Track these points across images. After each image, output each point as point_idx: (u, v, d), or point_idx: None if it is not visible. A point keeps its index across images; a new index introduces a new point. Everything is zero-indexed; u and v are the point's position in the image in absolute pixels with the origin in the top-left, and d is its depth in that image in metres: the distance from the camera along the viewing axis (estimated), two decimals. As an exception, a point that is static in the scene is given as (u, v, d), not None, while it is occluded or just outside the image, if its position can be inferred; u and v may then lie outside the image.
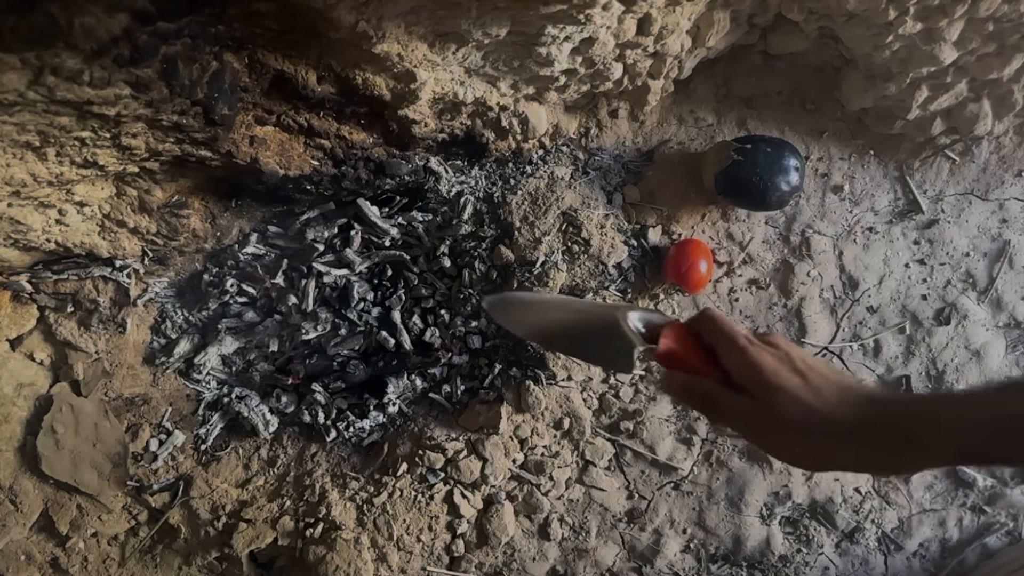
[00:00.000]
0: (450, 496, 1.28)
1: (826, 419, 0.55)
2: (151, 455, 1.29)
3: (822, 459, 0.57)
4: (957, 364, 1.39)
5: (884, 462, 0.55)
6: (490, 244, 1.34)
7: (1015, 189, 1.42)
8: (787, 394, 0.57)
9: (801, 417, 0.56)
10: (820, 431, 0.55)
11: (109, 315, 1.25)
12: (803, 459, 0.58)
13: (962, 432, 0.52)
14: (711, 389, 0.62)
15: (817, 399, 0.56)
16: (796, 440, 0.57)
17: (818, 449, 0.56)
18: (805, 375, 0.58)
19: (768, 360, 0.59)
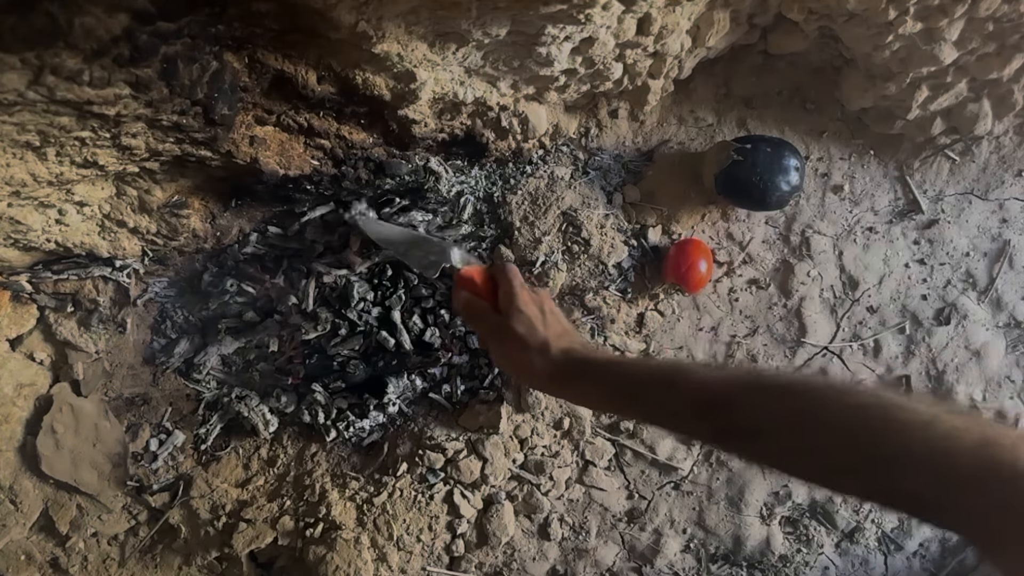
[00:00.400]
0: (450, 496, 1.28)
1: (540, 340, 0.79)
2: (151, 455, 1.29)
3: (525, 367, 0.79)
4: (957, 364, 1.39)
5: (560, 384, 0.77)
6: (490, 244, 1.34)
7: (1015, 189, 1.42)
8: (525, 316, 0.81)
9: (526, 332, 0.80)
10: (534, 348, 0.78)
11: (109, 315, 1.25)
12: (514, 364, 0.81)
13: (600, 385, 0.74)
14: (482, 306, 0.87)
15: (543, 327, 0.80)
16: (516, 347, 0.80)
17: (526, 358, 0.79)
18: (545, 314, 0.82)
19: (525, 295, 0.84)
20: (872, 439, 0.51)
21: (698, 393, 0.63)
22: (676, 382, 0.66)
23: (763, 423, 0.58)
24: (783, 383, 0.59)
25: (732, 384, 0.61)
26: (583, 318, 1.32)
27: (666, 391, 0.66)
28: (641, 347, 1.37)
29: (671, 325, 1.39)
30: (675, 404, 0.65)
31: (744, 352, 1.39)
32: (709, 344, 1.39)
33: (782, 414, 0.57)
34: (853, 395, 0.54)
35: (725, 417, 0.61)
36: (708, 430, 0.63)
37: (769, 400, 0.58)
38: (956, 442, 0.48)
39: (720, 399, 0.61)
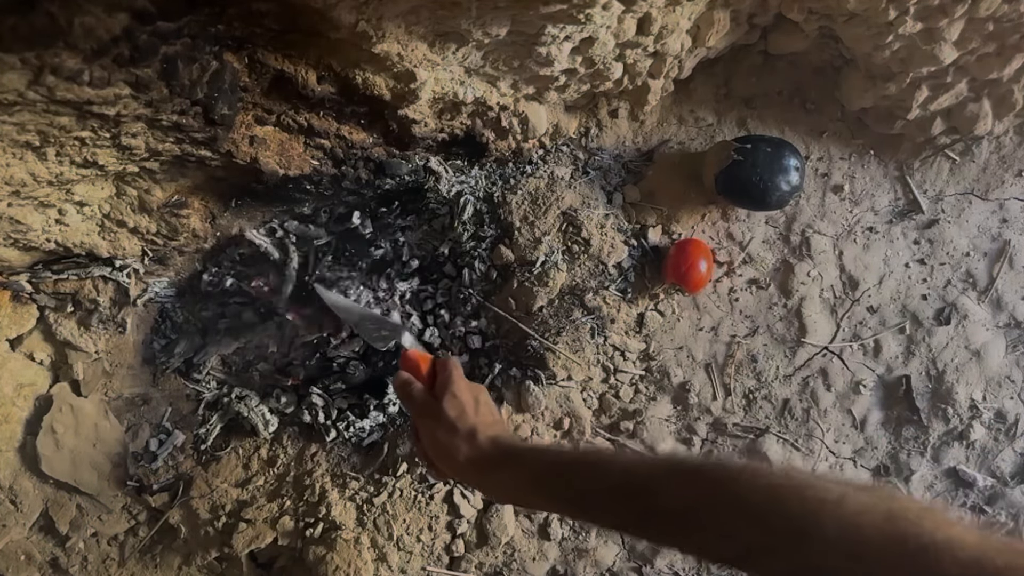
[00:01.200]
0: (450, 496, 1.28)
1: (469, 426, 0.80)
2: (151, 455, 1.29)
3: (451, 451, 0.80)
4: (957, 364, 1.39)
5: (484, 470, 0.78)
6: (490, 244, 1.34)
7: (1015, 189, 1.42)
8: (458, 402, 0.82)
9: (456, 417, 0.81)
10: (462, 433, 0.79)
11: (109, 315, 1.25)
12: (440, 448, 0.81)
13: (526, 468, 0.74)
14: (418, 387, 0.87)
15: (474, 414, 0.81)
16: (443, 430, 0.81)
17: (452, 443, 0.79)
18: (478, 404, 0.84)
19: (462, 384, 0.85)
20: (788, 519, 0.53)
21: (622, 476, 0.65)
22: (601, 464, 0.69)
23: (683, 505, 0.60)
24: (698, 467, 0.61)
25: (654, 468, 0.64)
26: (583, 318, 1.32)
27: (591, 473, 0.68)
28: (641, 347, 1.37)
29: (671, 325, 1.39)
30: (600, 485, 0.67)
31: (744, 352, 1.39)
32: (709, 344, 1.39)
33: (702, 496, 0.59)
34: (765, 476, 0.56)
35: (647, 499, 0.63)
36: (632, 514, 0.65)
37: (687, 483, 0.60)
38: (865, 518, 0.50)
39: (643, 481, 0.63)
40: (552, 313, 1.32)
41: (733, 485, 0.56)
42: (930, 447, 1.39)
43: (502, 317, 1.32)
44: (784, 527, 0.53)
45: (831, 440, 1.39)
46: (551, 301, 1.32)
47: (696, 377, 1.38)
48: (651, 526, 0.63)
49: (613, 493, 0.65)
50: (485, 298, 1.34)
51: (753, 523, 0.55)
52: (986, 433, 1.39)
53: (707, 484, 0.59)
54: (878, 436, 1.40)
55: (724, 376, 1.39)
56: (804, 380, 1.40)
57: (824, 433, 1.38)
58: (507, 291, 1.33)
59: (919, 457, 1.39)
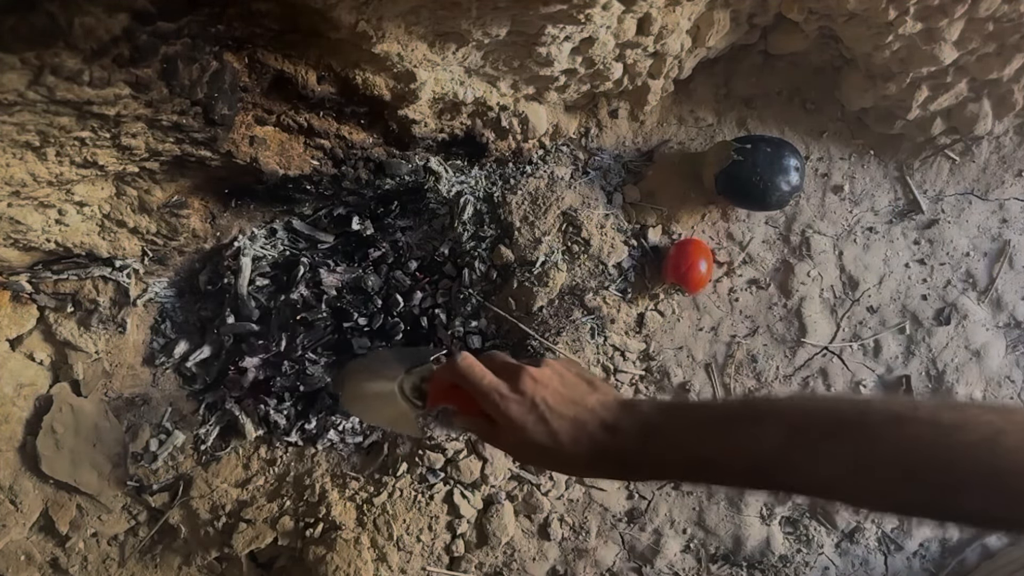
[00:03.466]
0: (450, 496, 1.28)
1: (562, 458, 0.66)
2: (151, 455, 1.29)
3: (566, 474, 0.72)
4: (957, 364, 1.39)
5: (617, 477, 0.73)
6: (490, 244, 1.34)
7: (1015, 189, 1.42)
8: (532, 443, 0.67)
9: (544, 457, 0.67)
10: (559, 465, 0.68)
11: (109, 315, 1.25)
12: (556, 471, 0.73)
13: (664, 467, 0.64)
14: (483, 428, 0.72)
15: (555, 443, 0.66)
16: (547, 467, 0.72)
17: (560, 470, 0.72)
18: (547, 421, 0.66)
19: (514, 412, 0.68)
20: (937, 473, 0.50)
21: (748, 463, 0.58)
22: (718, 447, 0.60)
23: (820, 481, 0.56)
24: (831, 432, 0.55)
25: (779, 445, 0.56)
26: (583, 318, 1.32)
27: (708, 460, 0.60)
28: (641, 347, 1.37)
29: (671, 325, 1.39)
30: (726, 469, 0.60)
31: (744, 352, 1.39)
32: (709, 344, 1.39)
33: (840, 466, 0.54)
34: (908, 424, 0.52)
35: (782, 481, 0.58)
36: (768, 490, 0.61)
37: (822, 453, 0.55)
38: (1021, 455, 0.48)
39: (772, 465, 0.57)
40: (552, 313, 1.32)
41: (874, 446, 0.52)
42: (930, 447, 1.39)
43: (502, 317, 1.32)
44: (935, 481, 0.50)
45: (831, 440, 1.39)
46: (551, 301, 1.32)
47: (696, 377, 1.38)
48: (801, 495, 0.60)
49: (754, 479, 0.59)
50: (485, 298, 1.34)
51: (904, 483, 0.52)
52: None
53: (849, 454, 0.53)
54: (878, 436, 1.40)
55: (724, 376, 1.39)
56: (804, 380, 1.40)
57: (824, 433, 1.38)
58: (507, 291, 1.33)
59: (919, 457, 1.39)
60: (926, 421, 0.52)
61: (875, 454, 0.53)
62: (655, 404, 0.66)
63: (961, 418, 0.51)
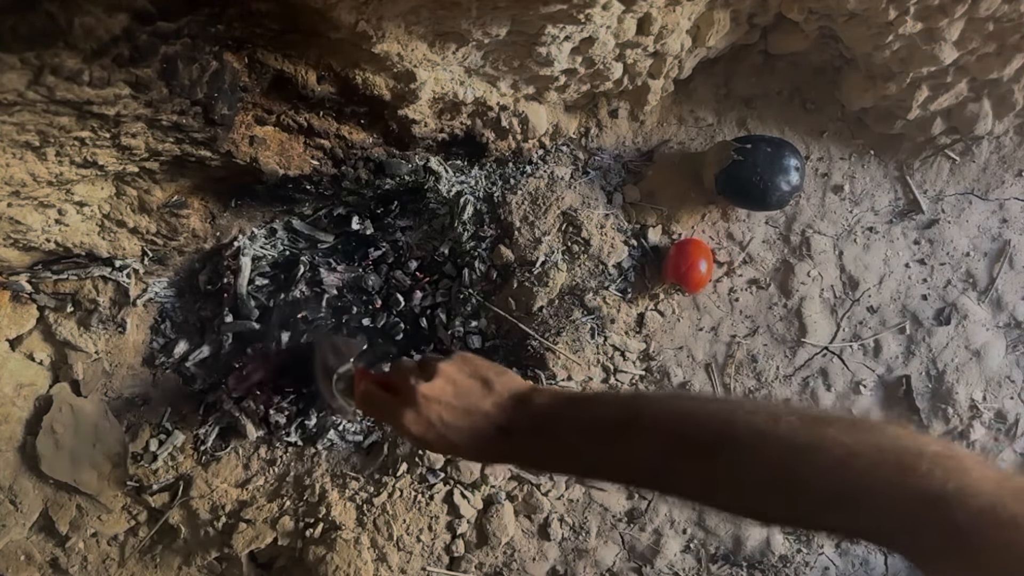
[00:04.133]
0: (450, 496, 1.28)
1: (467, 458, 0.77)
2: (151, 455, 1.29)
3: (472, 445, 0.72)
4: (957, 364, 1.39)
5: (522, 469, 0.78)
6: (490, 244, 1.34)
7: (1015, 189, 1.42)
8: (439, 449, 0.74)
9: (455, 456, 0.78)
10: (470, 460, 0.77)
11: (109, 315, 1.25)
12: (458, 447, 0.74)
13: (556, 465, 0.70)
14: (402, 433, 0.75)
15: (455, 450, 0.71)
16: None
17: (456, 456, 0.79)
18: (445, 437, 0.70)
19: (415, 431, 0.71)
20: (798, 492, 0.53)
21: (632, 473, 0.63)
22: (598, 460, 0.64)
23: (697, 493, 0.60)
24: (708, 447, 0.58)
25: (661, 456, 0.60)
26: (583, 318, 1.32)
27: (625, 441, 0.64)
28: (641, 347, 1.37)
29: (671, 325, 1.39)
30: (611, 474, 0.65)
31: (744, 352, 1.39)
32: (709, 344, 1.39)
33: (710, 483, 0.58)
34: (770, 443, 0.54)
35: (663, 490, 0.62)
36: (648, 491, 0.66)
37: (696, 472, 0.58)
38: (876, 474, 0.49)
39: (652, 477, 0.62)
40: (552, 313, 1.32)
41: (745, 471, 0.56)
42: (930, 447, 1.39)
43: (502, 317, 1.32)
44: (797, 499, 0.53)
45: (831, 440, 1.39)
46: (551, 301, 1.32)
47: (696, 377, 1.38)
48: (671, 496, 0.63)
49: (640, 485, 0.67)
50: (485, 298, 1.34)
51: (766, 497, 0.55)
52: (986, 433, 1.39)
53: (721, 472, 0.57)
54: (878, 436, 1.40)
55: (724, 376, 1.39)
56: (804, 380, 1.40)
57: (824, 433, 1.38)
58: (507, 291, 1.33)
59: (919, 457, 1.39)
60: (784, 440, 0.54)
61: (738, 472, 0.56)
62: (550, 398, 0.69)
63: (817, 439, 0.53)
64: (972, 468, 0.47)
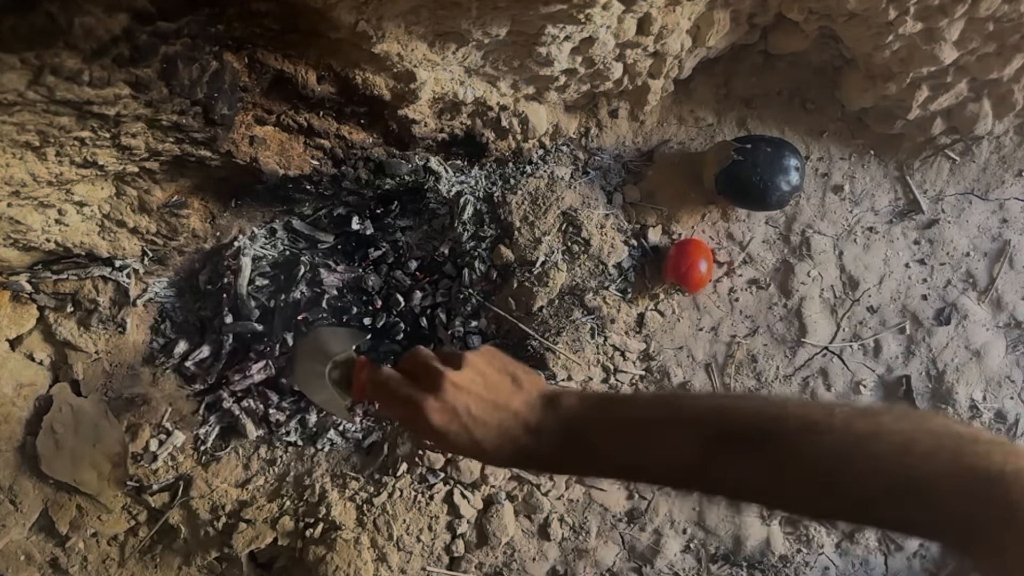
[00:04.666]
0: (450, 496, 1.28)
1: (489, 461, 0.68)
2: (151, 455, 1.29)
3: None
4: (957, 364, 1.39)
5: (542, 473, 0.77)
6: (490, 244, 1.34)
7: (1015, 189, 1.42)
8: (458, 449, 0.67)
9: (466, 455, 0.69)
10: (485, 462, 0.73)
11: (109, 315, 1.25)
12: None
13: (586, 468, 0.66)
14: (404, 422, 0.74)
15: (479, 450, 0.66)
16: (468, 457, 0.73)
17: (486, 463, 0.72)
18: (470, 430, 0.66)
19: (436, 420, 0.66)
20: (854, 483, 0.52)
21: (672, 472, 0.60)
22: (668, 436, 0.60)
23: (745, 489, 0.58)
24: (755, 441, 0.56)
25: (701, 455, 0.58)
26: (583, 318, 1.32)
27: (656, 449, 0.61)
28: (641, 347, 1.37)
29: (671, 325, 1.39)
30: (646, 475, 0.63)
31: (744, 352, 1.39)
32: (709, 344, 1.39)
33: (761, 477, 0.56)
34: (825, 435, 0.53)
35: (707, 488, 0.60)
36: (687, 493, 0.63)
37: (744, 466, 0.56)
38: (933, 463, 0.49)
39: (695, 475, 0.59)
40: (552, 313, 1.32)
41: (796, 461, 0.54)
42: (930, 447, 1.39)
43: (502, 317, 1.32)
44: (851, 491, 0.52)
45: (831, 440, 1.39)
46: (551, 301, 1.32)
47: (696, 377, 1.38)
48: (726, 501, 0.62)
49: (680, 485, 0.62)
50: (485, 298, 1.34)
51: (822, 492, 0.54)
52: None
53: (770, 464, 0.55)
54: (878, 436, 1.40)
55: (724, 376, 1.39)
56: (804, 380, 1.40)
57: (824, 433, 1.38)
58: (507, 291, 1.33)
59: (919, 457, 1.39)
60: (840, 431, 0.53)
61: (791, 465, 0.54)
62: (579, 400, 0.66)
63: (874, 427, 0.52)
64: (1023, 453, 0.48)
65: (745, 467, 0.56)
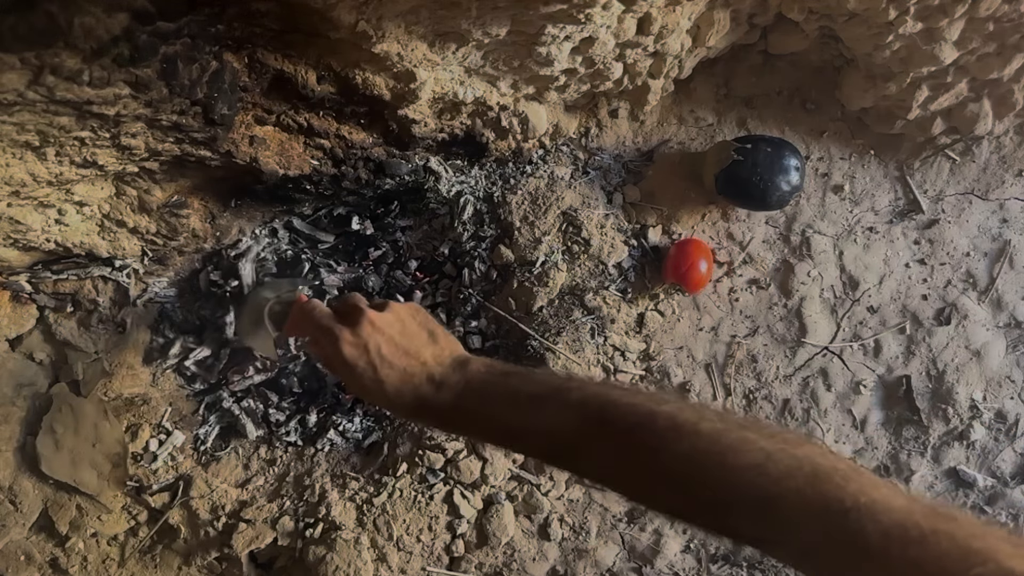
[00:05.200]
0: (450, 496, 1.28)
1: (385, 401, 0.70)
2: (151, 455, 1.29)
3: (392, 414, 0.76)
4: (957, 364, 1.39)
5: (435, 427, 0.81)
6: (490, 244, 1.34)
7: (1015, 189, 1.42)
8: (360, 384, 0.70)
9: (371, 398, 0.71)
10: (384, 405, 0.71)
11: (109, 315, 1.25)
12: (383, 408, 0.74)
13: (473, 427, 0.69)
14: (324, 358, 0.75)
15: (380, 389, 0.69)
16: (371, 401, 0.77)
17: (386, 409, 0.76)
18: (376, 368, 0.70)
19: (347, 352, 0.70)
20: (709, 489, 0.53)
21: (548, 437, 0.63)
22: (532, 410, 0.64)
23: (603, 470, 0.61)
24: (625, 428, 0.58)
25: (581, 424, 0.61)
26: (583, 318, 1.32)
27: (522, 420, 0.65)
28: (641, 347, 1.37)
29: (671, 325, 1.39)
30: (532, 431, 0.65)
31: (744, 352, 1.39)
32: (709, 344, 1.39)
33: (623, 463, 0.58)
34: (689, 438, 0.55)
35: (571, 459, 0.63)
36: (561, 465, 0.67)
37: (611, 448, 0.59)
38: (788, 483, 0.49)
39: (568, 439, 0.62)
40: (552, 313, 1.32)
41: (657, 457, 0.56)
42: (930, 447, 1.39)
43: (502, 317, 1.32)
44: (705, 497, 0.53)
45: (831, 440, 1.39)
46: (551, 301, 1.32)
47: (696, 377, 1.38)
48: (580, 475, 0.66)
49: (552, 459, 0.66)
50: (485, 298, 1.34)
51: (675, 490, 0.55)
52: (986, 433, 1.39)
53: (633, 454, 0.58)
54: (878, 436, 1.40)
55: (724, 376, 1.39)
56: (804, 380, 1.40)
57: (824, 433, 1.38)
58: (507, 291, 1.32)
59: (919, 457, 1.39)
60: (704, 436, 0.54)
61: (651, 461, 0.56)
62: (485, 367, 0.70)
63: (738, 441, 0.53)
64: (882, 485, 0.48)
65: (609, 453, 0.59)
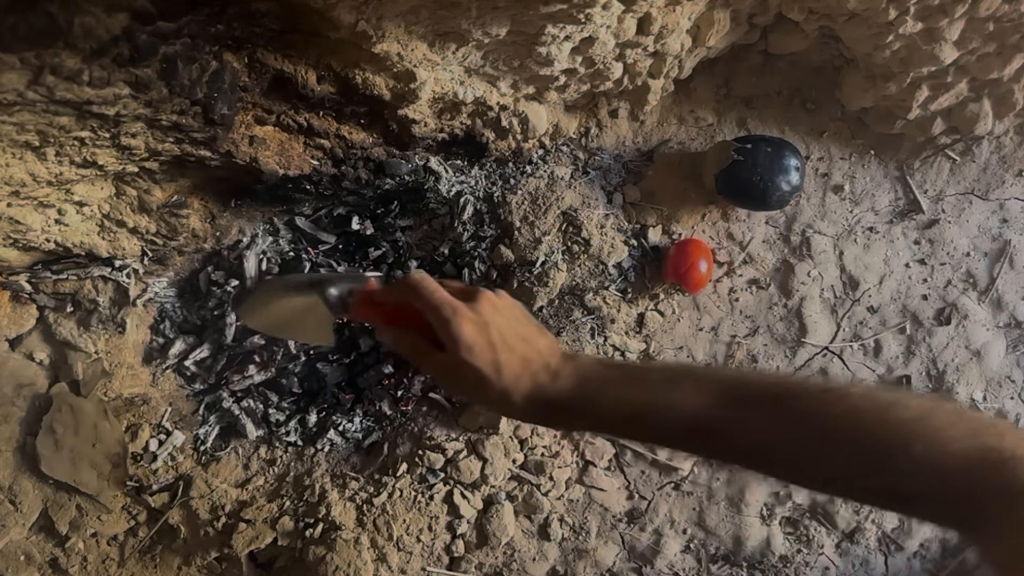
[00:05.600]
0: (450, 496, 1.28)
1: (501, 392, 0.63)
2: (151, 455, 1.29)
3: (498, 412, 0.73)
4: (957, 364, 1.39)
5: (546, 422, 0.68)
6: (490, 244, 1.34)
7: (1015, 189, 1.42)
8: (474, 368, 0.63)
9: (480, 386, 0.64)
10: (491, 399, 0.64)
11: (109, 315, 1.25)
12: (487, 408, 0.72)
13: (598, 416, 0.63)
14: (415, 345, 0.68)
15: (497, 375, 0.63)
16: (477, 398, 0.66)
17: (493, 407, 0.66)
18: (497, 349, 0.64)
19: (467, 331, 0.64)
20: (872, 444, 0.52)
21: (692, 420, 0.59)
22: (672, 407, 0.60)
23: (762, 443, 0.57)
24: (778, 398, 0.57)
25: (729, 404, 0.58)
26: (583, 318, 1.32)
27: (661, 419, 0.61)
28: (641, 347, 1.37)
29: (671, 325, 1.39)
30: (673, 428, 0.61)
31: (744, 352, 1.39)
32: (709, 344, 1.39)
33: (782, 433, 0.56)
34: (846, 400, 0.54)
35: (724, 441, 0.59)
36: (711, 454, 0.62)
37: (767, 419, 0.56)
38: (949, 433, 0.50)
39: (717, 424, 0.58)
40: (552, 313, 1.32)
41: (815, 418, 0.55)
42: (930, 447, 1.39)
43: (502, 317, 1.32)
44: (869, 453, 0.53)
45: (831, 440, 1.39)
46: (551, 301, 1.32)
47: (696, 377, 1.38)
48: (730, 462, 0.61)
49: (688, 438, 0.60)
50: (485, 298, 1.34)
51: (837, 452, 0.54)
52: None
53: (788, 419, 0.56)
54: (878, 436, 1.40)
55: (724, 376, 1.39)
56: (804, 380, 1.40)
57: (824, 433, 1.38)
58: (507, 291, 1.32)
59: (919, 457, 1.39)
60: (859, 396, 0.54)
61: (807, 422, 0.55)
62: (595, 358, 0.68)
63: (895, 397, 0.54)
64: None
65: (761, 423, 0.56)
